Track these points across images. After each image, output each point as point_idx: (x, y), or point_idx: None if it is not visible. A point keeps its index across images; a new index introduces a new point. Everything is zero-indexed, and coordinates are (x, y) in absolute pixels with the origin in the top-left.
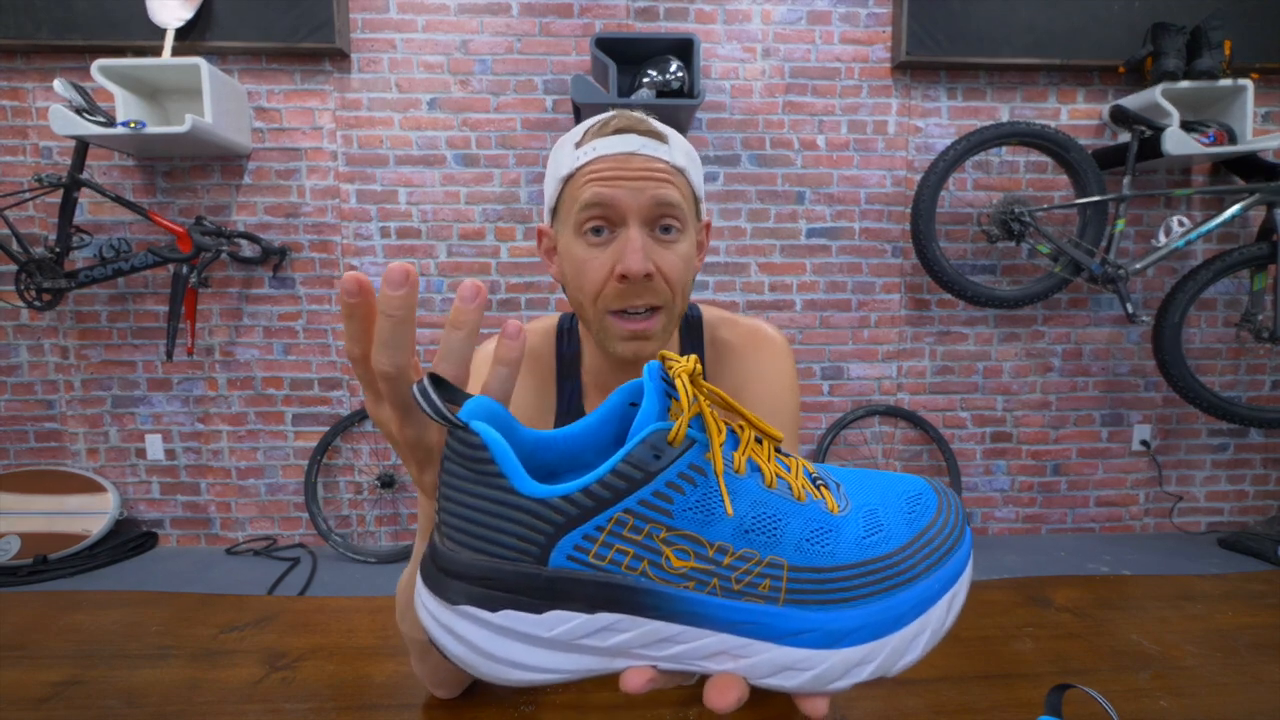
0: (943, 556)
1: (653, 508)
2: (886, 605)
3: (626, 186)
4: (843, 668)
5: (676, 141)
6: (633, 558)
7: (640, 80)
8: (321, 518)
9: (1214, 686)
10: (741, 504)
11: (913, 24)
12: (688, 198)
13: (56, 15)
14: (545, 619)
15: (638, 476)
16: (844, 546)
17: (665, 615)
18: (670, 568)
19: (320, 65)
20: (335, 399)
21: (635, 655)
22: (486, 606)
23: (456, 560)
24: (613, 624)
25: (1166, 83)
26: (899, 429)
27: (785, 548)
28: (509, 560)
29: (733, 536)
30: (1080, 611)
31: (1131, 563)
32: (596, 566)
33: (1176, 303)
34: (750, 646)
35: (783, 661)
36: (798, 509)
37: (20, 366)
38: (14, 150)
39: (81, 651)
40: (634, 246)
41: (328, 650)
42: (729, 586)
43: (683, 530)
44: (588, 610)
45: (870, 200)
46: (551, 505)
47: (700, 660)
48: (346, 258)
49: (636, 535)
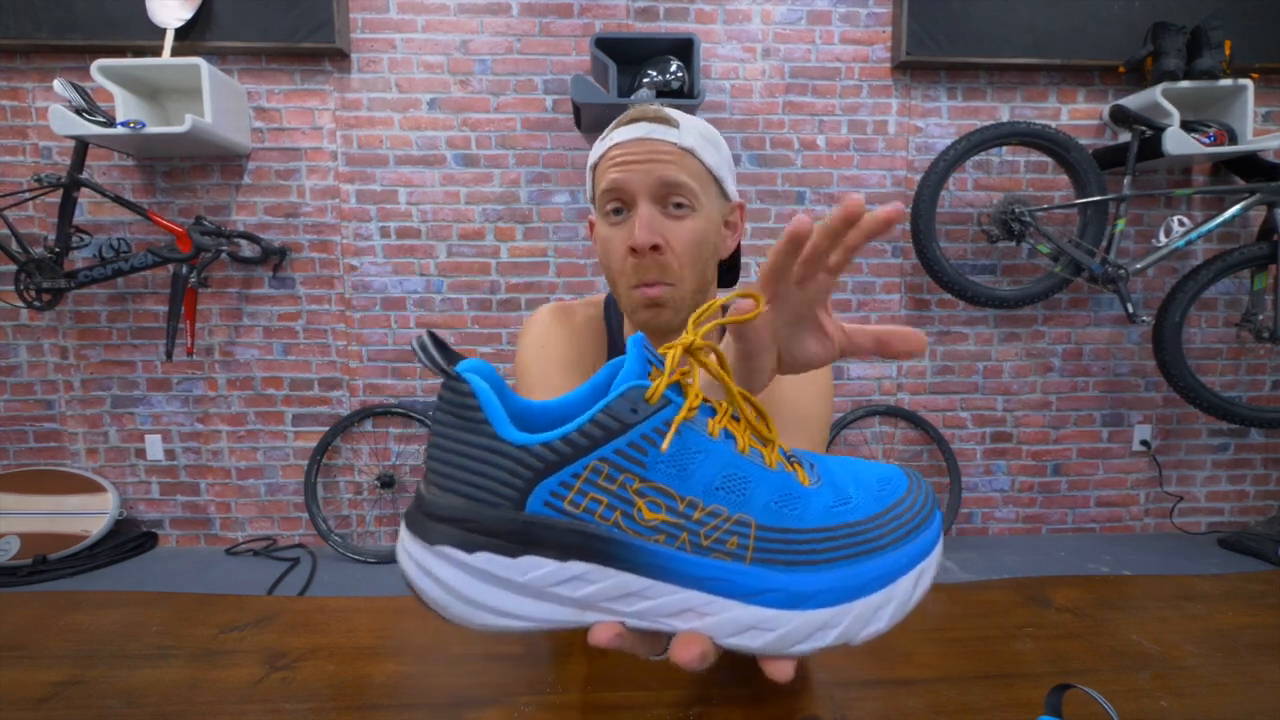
0: (910, 532)
1: (628, 458)
2: (852, 571)
3: (634, 169)
4: (806, 630)
5: (689, 125)
6: (606, 507)
7: (640, 80)
8: (321, 518)
9: (1214, 686)
10: (713, 463)
11: (913, 24)
12: (698, 175)
13: (56, 15)
14: (519, 563)
15: (615, 427)
16: (811, 512)
17: (634, 568)
18: (641, 519)
19: (320, 65)
20: (335, 399)
21: (604, 609)
22: (464, 548)
23: (439, 504)
24: (583, 574)
25: (1167, 83)
26: (899, 429)
27: (754, 507)
28: (489, 505)
29: (703, 493)
30: (1080, 611)
31: (1132, 563)
32: (571, 514)
33: (1177, 303)
34: (716, 604)
35: (748, 620)
36: (768, 474)
37: (20, 366)
38: (14, 150)
39: (81, 651)
40: (641, 222)
41: (328, 650)
42: (698, 542)
43: (655, 483)
44: (560, 558)
45: (871, 200)
46: (531, 451)
47: (667, 618)
48: (346, 258)
49: (611, 484)
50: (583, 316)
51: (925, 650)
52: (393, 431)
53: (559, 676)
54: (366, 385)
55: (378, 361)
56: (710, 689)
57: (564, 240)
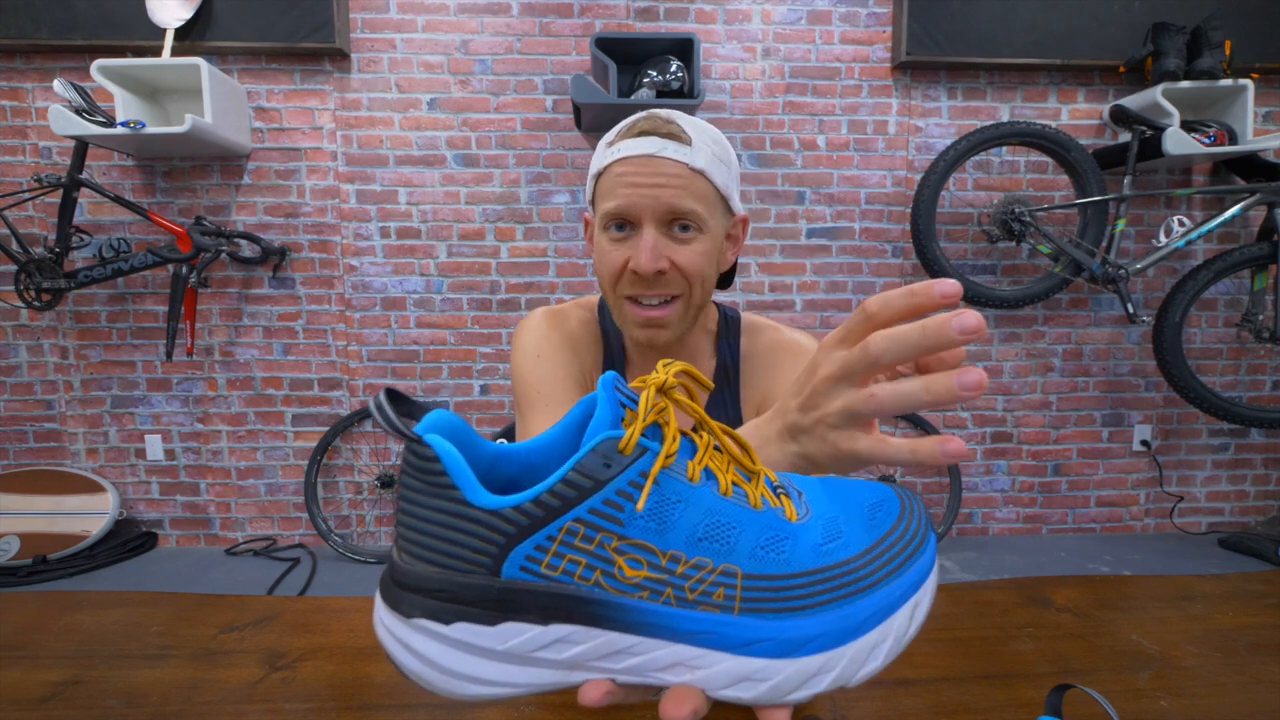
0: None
1: (604, 516)
2: (844, 613)
3: (643, 193)
4: (800, 678)
5: (701, 143)
6: (585, 568)
7: (640, 80)
8: (321, 518)
9: (1214, 686)
10: (694, 513)
11: (913, 24)
12: (708, 198)
13: (56, 15)
14: (499, 631)
15: (588, 485)
16: (800, 554)
17: (619, 626)
18: (623, 577)
19: (320, 65)
20: (335, 399)
21: (591, 668)
22: (440, 619)
23: (412, 573)
24: (567, 636)
25: (1167, 83)
26: (899, 429)
27: (739, 555)
28: (463, 572)
29: (685, 545)
30: (1080, 611)
31: (1132, 563)
32: (549, 577)
33: (1177, 303)
34: (706, 657)
35: (740, 672)
36: (753, 516)
37: (20, 366)
38: (14, 150)
39: (81, 651)
40: (646, 246)
41: (328, 650)
42: (683, 596)
43: (635, 539)
44: (541, 622)
45: (870, 200)
46: (503, 516)
47: (657, 672)
48: (346, 258)
49: (588, 545)
50: (576, 321)
51: (925, 650)
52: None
53: None
54: (366, 385)
55: (378, 361)
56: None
57: (564, 240)
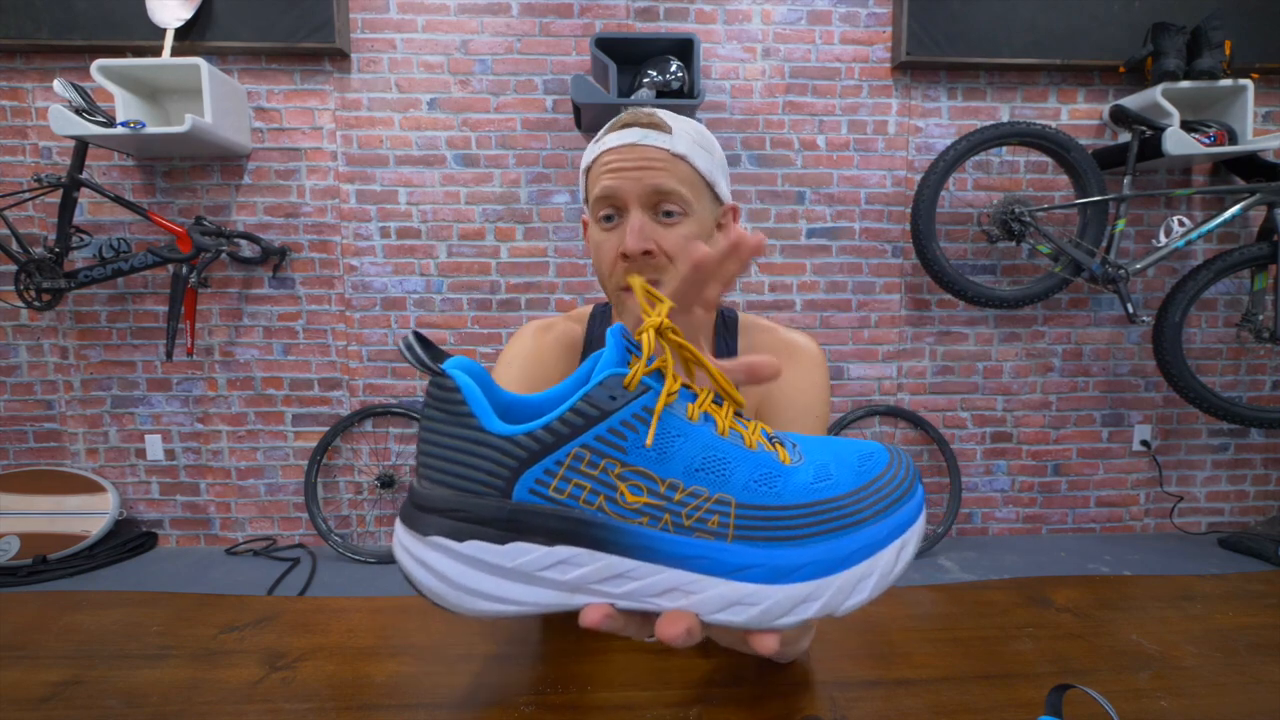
0: (891, 504)
1: (608, 444)
2: (833, 545)
3: (626, 176)
4: (789, 603)
5: (681, 130)
6: (590, 492)
7: (640, 80)
8: (321, 518)
9: (1214, 686)
10: (692, 446)
11: (913, 24)
12: (691, 181)
13: (56, 15)
14: (508, 550)
15: (594, 414)
16: (791, 489)
17: (620, 550)
18: (624, 502)
19: (320, 65)
20: (335, 399)
21: (593, 591)
22: (455, 537)
23: (430, 496)
24: (570, 557)
25: (1167, 83)
26: (899, 429)
27: (734, 487)
28: (477, 494)
29: (683, 474)
30: (1080, 611)
31: (1132, 563)
32: (556, 500)
33: (1177, 303)
34: (700, 582)
35: (731, 596)
36: (748, 454)
37: (20, 366)
38: (14, 150)
39: (81, 651)
40: (632, 228)
41: (328, 650)
42: (680, 522)
43: (636, 466)
44: (547, 543)
45: (870, 200)
46: (516, 441)
47: (654, 597)
48: (346, 258)
49: (593, 470)
50: (556, 334)
51: (925, 650)
52: (393, 432)
53: (559, 676)
54: (366, 385)
55: (378, 361)
56: (710, 689)
57: (564, 240)
